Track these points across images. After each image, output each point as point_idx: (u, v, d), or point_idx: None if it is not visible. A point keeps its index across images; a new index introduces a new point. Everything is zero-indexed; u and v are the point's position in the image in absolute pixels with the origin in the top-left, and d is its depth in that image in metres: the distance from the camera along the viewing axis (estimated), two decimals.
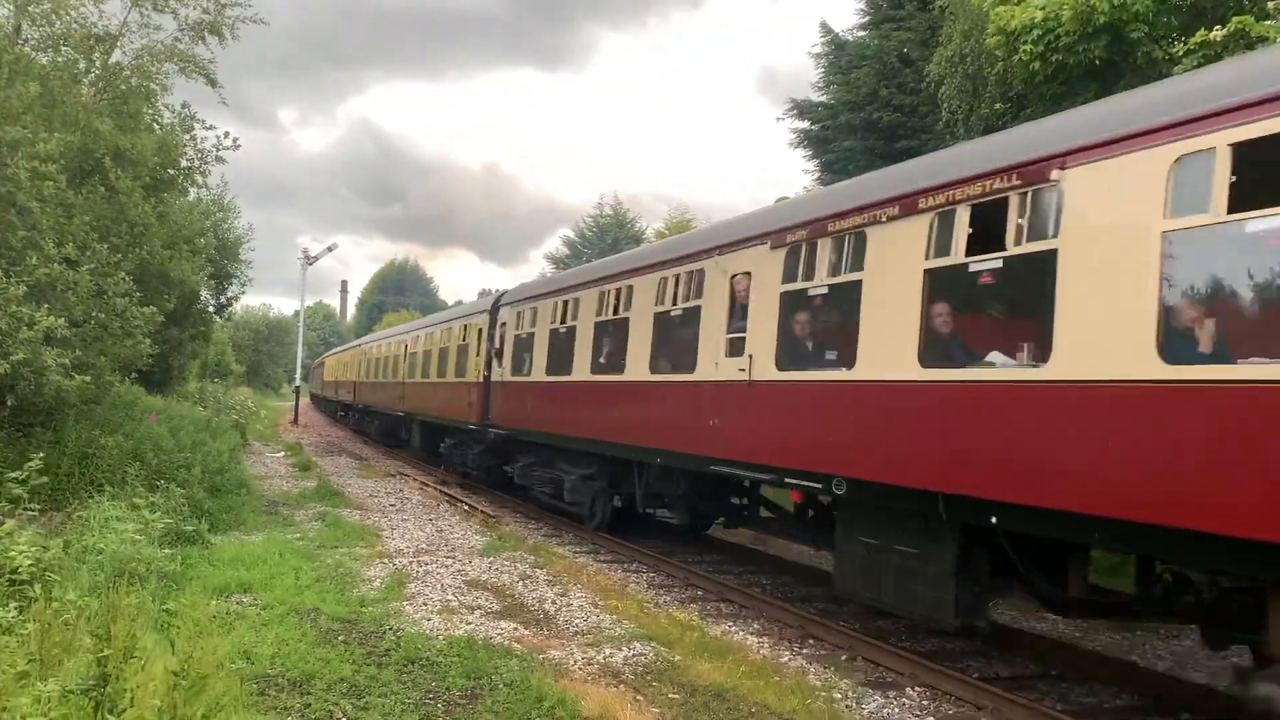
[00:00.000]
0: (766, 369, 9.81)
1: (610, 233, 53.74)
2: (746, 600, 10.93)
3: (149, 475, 12.93)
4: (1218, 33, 10.86)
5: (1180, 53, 11.53)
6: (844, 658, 8.81)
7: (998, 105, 15.87)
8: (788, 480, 9.35)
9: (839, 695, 7.68)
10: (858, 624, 9.94)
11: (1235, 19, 10.73)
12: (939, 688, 7.93)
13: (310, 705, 6.42)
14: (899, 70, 23.81)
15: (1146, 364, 5.95)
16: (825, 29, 26.61)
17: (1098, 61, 13.14)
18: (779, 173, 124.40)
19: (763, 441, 9.79)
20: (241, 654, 7.17)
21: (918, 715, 7.39)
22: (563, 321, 15.79)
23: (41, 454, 10.12)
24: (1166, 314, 5.95)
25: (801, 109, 26.70)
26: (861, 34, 26.07)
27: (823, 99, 26.60)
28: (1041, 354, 6.81)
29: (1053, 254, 6.70)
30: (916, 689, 7.98)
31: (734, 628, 9.86)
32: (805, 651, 9.05)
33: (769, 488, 11.14)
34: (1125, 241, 6.20)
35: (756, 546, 14.79)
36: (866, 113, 23.82)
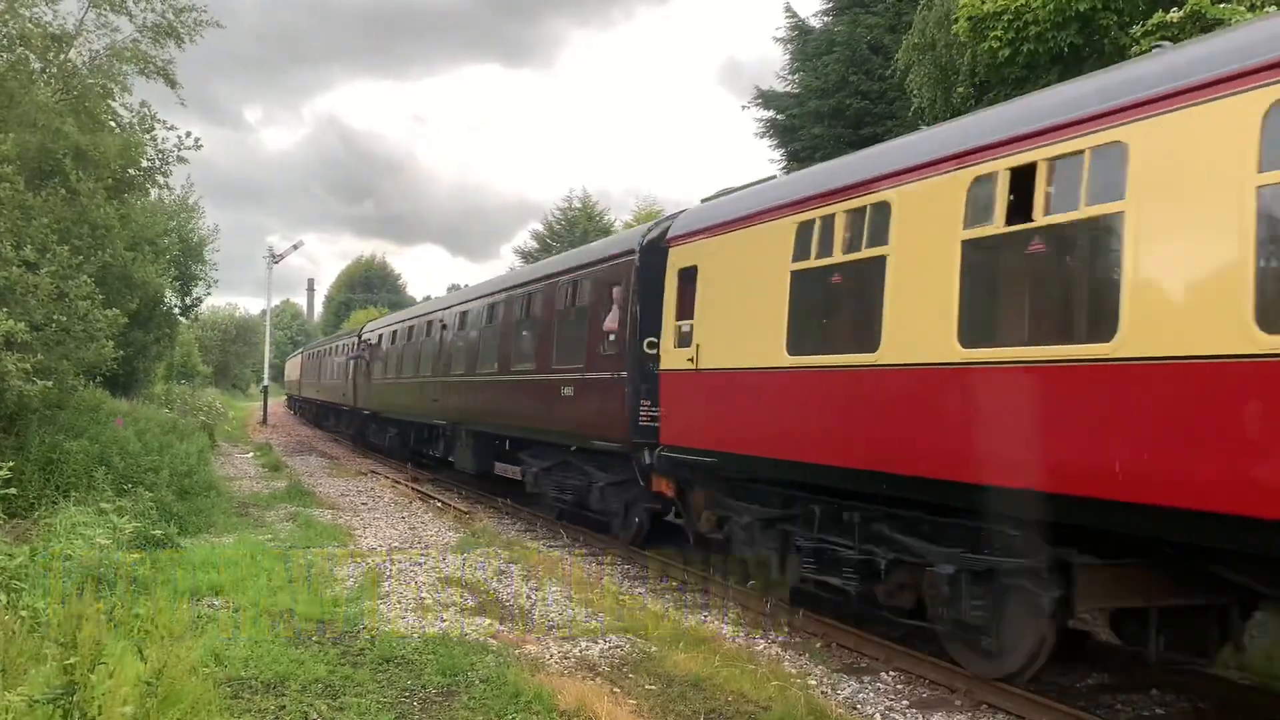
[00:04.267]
0: None
1: (579, 225, 53.62)
2: (721, 590, 10.95)
3: (116, 479, 12.78)
4: (1175, 15, 10.99)
5: (1139, 34, 11.65)
6: (818, 644, 8.85)
7: (960, 90, 15.96)
8: None
9: (814, 682, 7.73)
10: (831, 611, 9.98)
11: (1192, 1, 10.85)
12: (913, 672, 8.00)
13: (285, 707, 6.38)
14: (868, 58, 23.90)
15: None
16: (789, 11, 26.65)
17: (1065, 48, 13.26)
18: (745, 163, 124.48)
19: None
20: (214, 657, 7.10)
21: (892, 699, 7.44)
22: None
23: (10, 463, 9.97)
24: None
25: (767, 98, 26.75)
26: (827, 19, 26.15)
27: (788, 88, 26.66)
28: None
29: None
30: (891, 673, 8.04)
31: (709, 617, 9.88)
32: (780, 640, 9.09)
33: None
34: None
35: None
36: (836, 100, 23.89)
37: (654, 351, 11.59)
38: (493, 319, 18.17)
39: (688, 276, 10.95)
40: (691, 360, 10.57)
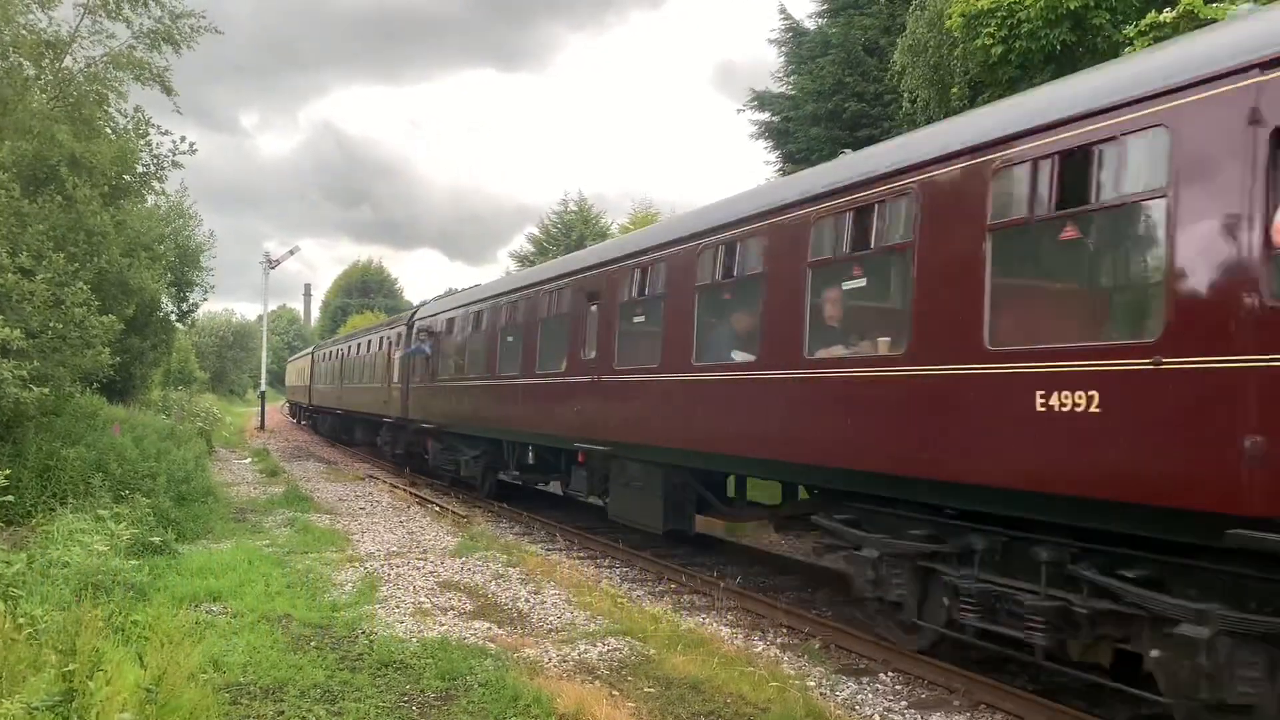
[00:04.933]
0: None
1: (575, 229, 53.58)
2: (719, 592, 10.97)
3: (113, 486, 12.77)
4: (1168, 14, 11.02)
5: (1132, 34, 11.69)
6: (817, 646, 8.86)
7: (954, 89, 15.99)
8: None
9: (813, 683, 7.73)
10: (830, 612, 10.00)
11: (1185, 1, 10.88)
12: (911, 672, 8.00)
13: (284, 713, 6.38)
14: (863, 59, 23.91)
15: None
16: (784, 13, 26.66)
17: (1058, 47, 13.30)
18: (741, 165, 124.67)
19: None
20: (212, 663, 7.10)
21: (891, 700, 7.46)
22: None
23: (7, 470, 9.94)
24: None
25: (762, 100, 26.74)
26: (822, 21, 26.15)
27: (783, 90, 26.65)
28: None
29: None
30: (889, 674, 8.05)
31: (707, 619, 9.89)
32: (779, 641, 9.10)
33: None
34: None
35: (728, 538, 14.84)
36: (833, 102, 23.88)
37: None
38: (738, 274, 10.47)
39: None
40: None
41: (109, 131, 16.04)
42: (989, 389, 6.84)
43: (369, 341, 30.57)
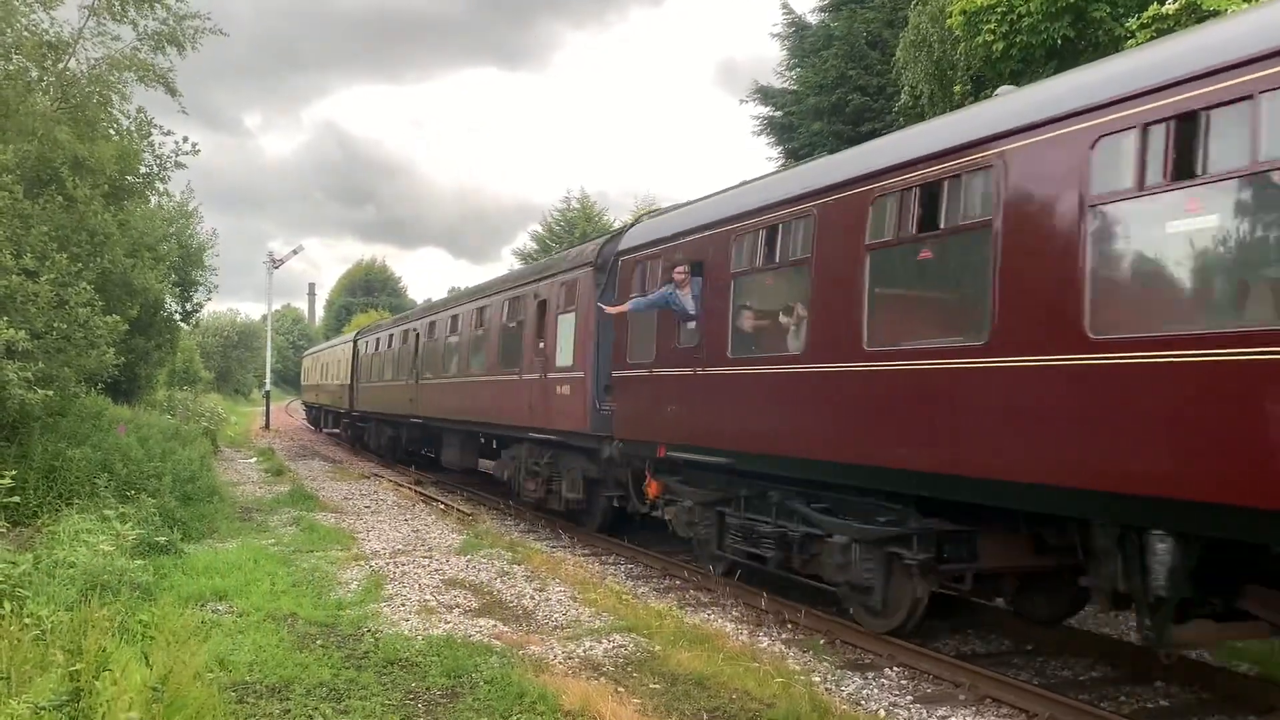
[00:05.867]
0: None
1: (579, 226, 53.59)
2: (724, 588, 10.96)
3: (119, 486, 12.80)
4: (1170, 6, 11.00)
5: (1134, 27, 11.67)
6: (822, 641, 8.87)
7: (956, 87, 15.98)
8: None
9: (818, 678, 7.74)
10: (834, 608, 9.99)
11: None
12: (917, 667, 8.00)
13: (290, 711, 6.39)
14: (866, 53, 23.91)
15: None
16: (786, 7, 26.65)
17: (1059, 41, 13.29)
18: (743, 161, 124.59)
19: None
20: (218, 662, 7.12)
21: (897, 695, 7.45)
22: None
23: (12, 471, 9.95)
24: None
25: (765, 94, 26.74)
26: (824, 15, 26.15)
27: (786, 84, 26.65)
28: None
29: None
30: (895, 669, 8.05)
31: (712, 615, 9.90)
32: (784, 636, 9.10)
33: None
34: None
35: None
36: (836, 95, 23.88)
37: None
38: None
39: None
40: None
41: (112, 133, 16.04)
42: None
43: (493, 305, 18.52)
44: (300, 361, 64.52)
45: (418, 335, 24.28)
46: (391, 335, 27.99)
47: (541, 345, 15.33)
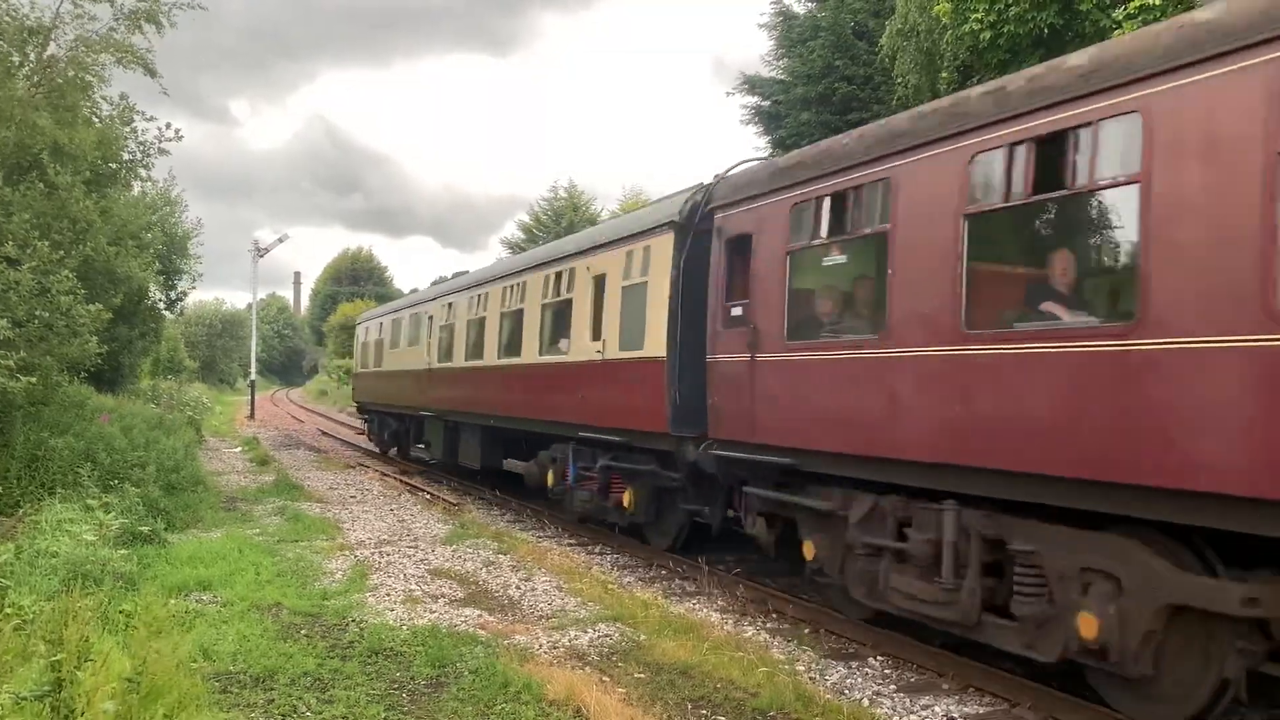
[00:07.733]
0: None
1: (565, 216, 53.48)
2: (708, 578, 10.97)
3: (102, 475, 12.71)
4: None
5: (1121, 17, 11.69)
6: (806, 631, 8.90)
7: (944, 74, 15.99)
8: None
9: (802, 668, 7.76)
10: (819, 598, 10.01)
11: None
12: (901, 656, 8.04)
13: (274, 701, 6.38)
14: (853, 43, 23.91)
15: None
16: None
17: (1046, 30, 13.31)
18: (731, 151, 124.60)
19: None
20: (202, 652, 7.10)
21: (880, 684, 7.48)
22: None
23: None
24: None
25: (753, 84, 26.70)
26: (811, 5, 26.13)
27: (774, 74, 26.61)
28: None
29: None
30: (879, 658, 8.08)
31: (697, 605, 9.92)
32: (768, 626, 9.13)
33: None
34: None
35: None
36: (823, 85, 23.88)
37: None
38: None
39: None
40: None
41: (94, 119, 15.88)
42: None
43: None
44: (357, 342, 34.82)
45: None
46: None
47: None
